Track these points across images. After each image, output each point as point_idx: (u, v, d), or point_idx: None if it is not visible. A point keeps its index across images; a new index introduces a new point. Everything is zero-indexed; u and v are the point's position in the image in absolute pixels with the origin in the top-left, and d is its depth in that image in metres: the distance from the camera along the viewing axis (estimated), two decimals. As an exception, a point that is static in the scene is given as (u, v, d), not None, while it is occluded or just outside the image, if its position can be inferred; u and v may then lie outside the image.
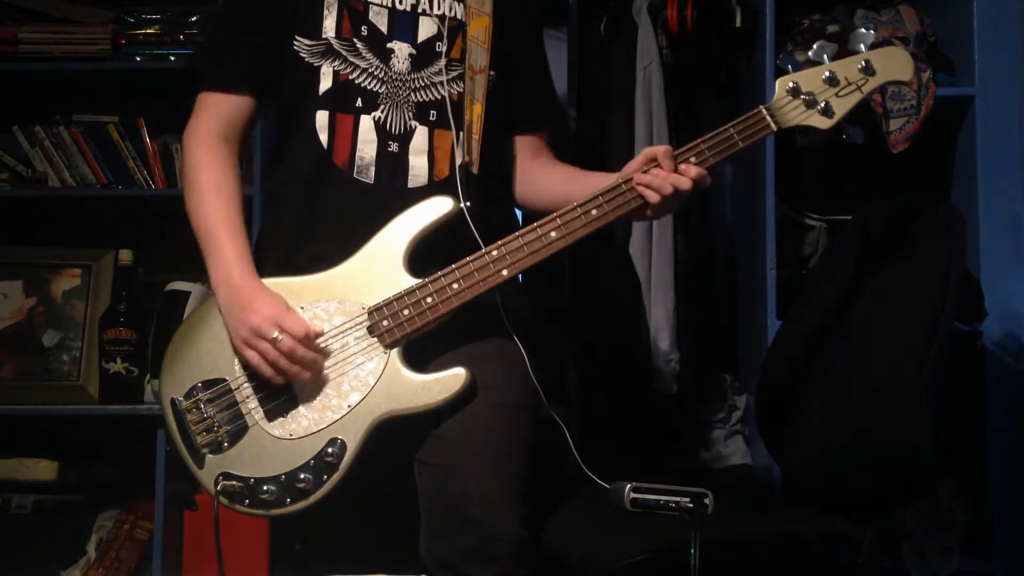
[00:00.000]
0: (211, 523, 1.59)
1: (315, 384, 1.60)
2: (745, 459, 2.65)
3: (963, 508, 2.38)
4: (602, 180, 1.70)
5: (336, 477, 1.57)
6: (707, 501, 1.55)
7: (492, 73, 1.75)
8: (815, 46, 1.65)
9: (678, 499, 1.55)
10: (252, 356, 1.59)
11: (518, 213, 1.95)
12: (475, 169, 1.70)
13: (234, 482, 1.58)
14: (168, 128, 2.80)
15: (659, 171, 1.61)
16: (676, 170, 1.61)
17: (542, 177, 1.86)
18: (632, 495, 1.60)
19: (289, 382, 1.59)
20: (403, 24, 1.73)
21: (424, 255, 1.63)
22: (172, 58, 2.73)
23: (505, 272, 1.60)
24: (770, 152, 2.44)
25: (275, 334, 1.55)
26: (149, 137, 2.80)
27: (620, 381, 2.60)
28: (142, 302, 2.61)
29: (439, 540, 1.57)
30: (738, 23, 2.62)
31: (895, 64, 1.63)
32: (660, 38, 2.64)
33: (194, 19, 2.75)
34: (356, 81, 1.70)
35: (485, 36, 1.75)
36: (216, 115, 1.73)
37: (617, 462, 2.63)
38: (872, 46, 1.64)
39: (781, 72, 1.66)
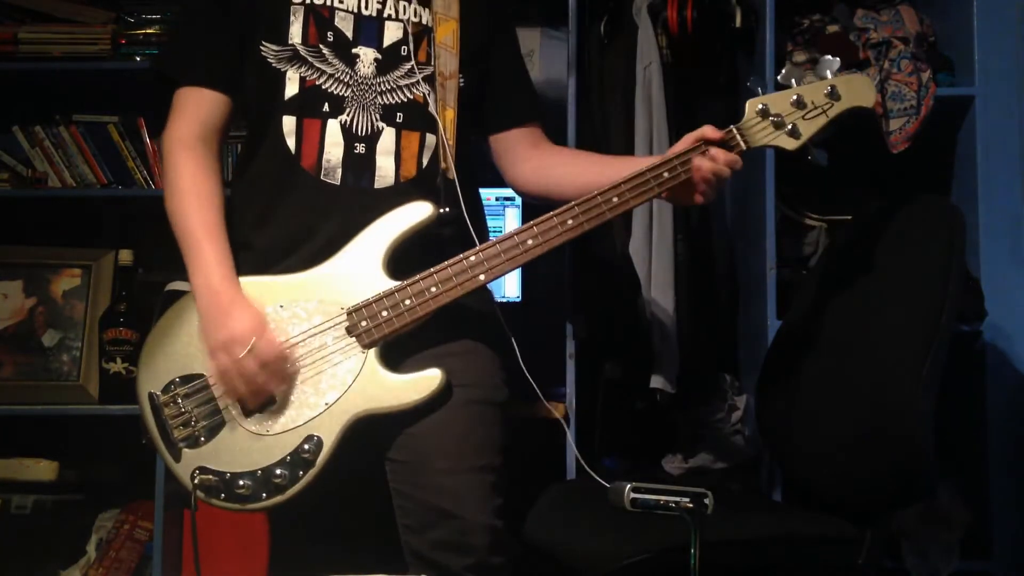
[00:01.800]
0: (211, 523, 1.62)
1: (292, 382, 1.61)
2: (745, 459, 2.64)
3: (963, 508, 2.38)
4: (631, 164, 1.73)
5: (312, 473, 1.59)
6: (707, 501, 1.55)
7: (462, 77, 1.77)
8: (784, 70, 1.73)
9: (678, 499, 1.56)
10: (219, 364, 1.60)
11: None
12: (451, 174, 1.72)
13: (210, 476, 1.61)
14: (168, 128, 2.80)
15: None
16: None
17: (558, 164, 1.87)
18: (632, 495, 1.60)
19: (247, 395, 1.60)
20: (368, 29, 1.74)
21: (402, 256, 1.65)
22: (171, 58, 2.73)
23: (482, 277, 1.64)
24: (770, 152, 2.44)
25: (243, 352, 1.57)
26: (149, 137, 2.80)
27: (620, 381, 2.60)
28: (142, 302, 2.60)
29: (414, 534, 1.61)
30: (738, 23, 2.62)
31: (859, 90, 1.69)
32: (660, 38, 2.64)
33: (194, 19, 2.75)
34: (323, 86, 1.70)
35: (453, 41, 1.77)
36: (194, 114, 1.72)
37: (617, 462, 2.64)
38: (839, 72, 1.69)
39: (751, 94, 1.73)
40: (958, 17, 2.54)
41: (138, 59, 2.73)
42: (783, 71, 1.72)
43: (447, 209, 1.68)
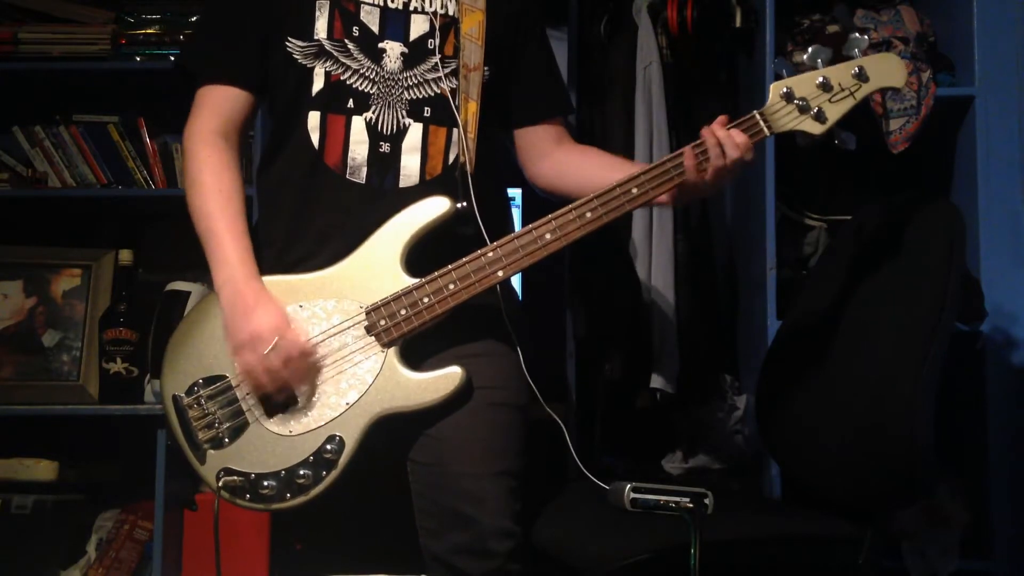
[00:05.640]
0: (211, 523, 1.61)
1: (314, 382, 1.61)
2: (745, 459, 2.65)
3: (963, 508, 2.38)
4: (639, 168, 1.69)
5: (335, 473, 1.59)
6: (707, 501, 1.55)
7: (486, 69, 1.74)
8: (810, 50, 1.65)
9: (678, 499, 1.56)
10: (244, 361, 1.60)
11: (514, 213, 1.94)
12: (471, 168, 1.70)
13: (235, 477, 1.61)
14: (168, 128, 2.80)
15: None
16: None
17: (575, 164, 1.85)
18: (632, 495, 1.60)
19: (272, 391, 1.60)
20: (395, 23, 1.72)
21: (421, 254, 1.64)
22: (172, 58, 2.73)
23: (501, 273, 1.62)
24: (770, 152, 2.44)
25: (267, 349, 1.57)
26: (149, 137, 2.80)
27: (620, 381, 2.60)
28: (142, 302, 2.61)
29: (434, 537, 1.60)
30: (738, 23, 2.62)
31: (888, 70, 1.64)
32: (660, 38, 2.65)
33: (194, 19, 2.75)
34: (348, 82, 1.69)
35: (479, 32, 1.74)
36: (216, 111, 1.73)
37: (617, 462, 2.64)
38: (866, 52, 1.65)
39: (777, 76, 1.66)
40: (958, 17, 2.54)
41: (138, 59, 2.74)
42: (810, 50, 1.66)
43: (464, 204, 1.67)
